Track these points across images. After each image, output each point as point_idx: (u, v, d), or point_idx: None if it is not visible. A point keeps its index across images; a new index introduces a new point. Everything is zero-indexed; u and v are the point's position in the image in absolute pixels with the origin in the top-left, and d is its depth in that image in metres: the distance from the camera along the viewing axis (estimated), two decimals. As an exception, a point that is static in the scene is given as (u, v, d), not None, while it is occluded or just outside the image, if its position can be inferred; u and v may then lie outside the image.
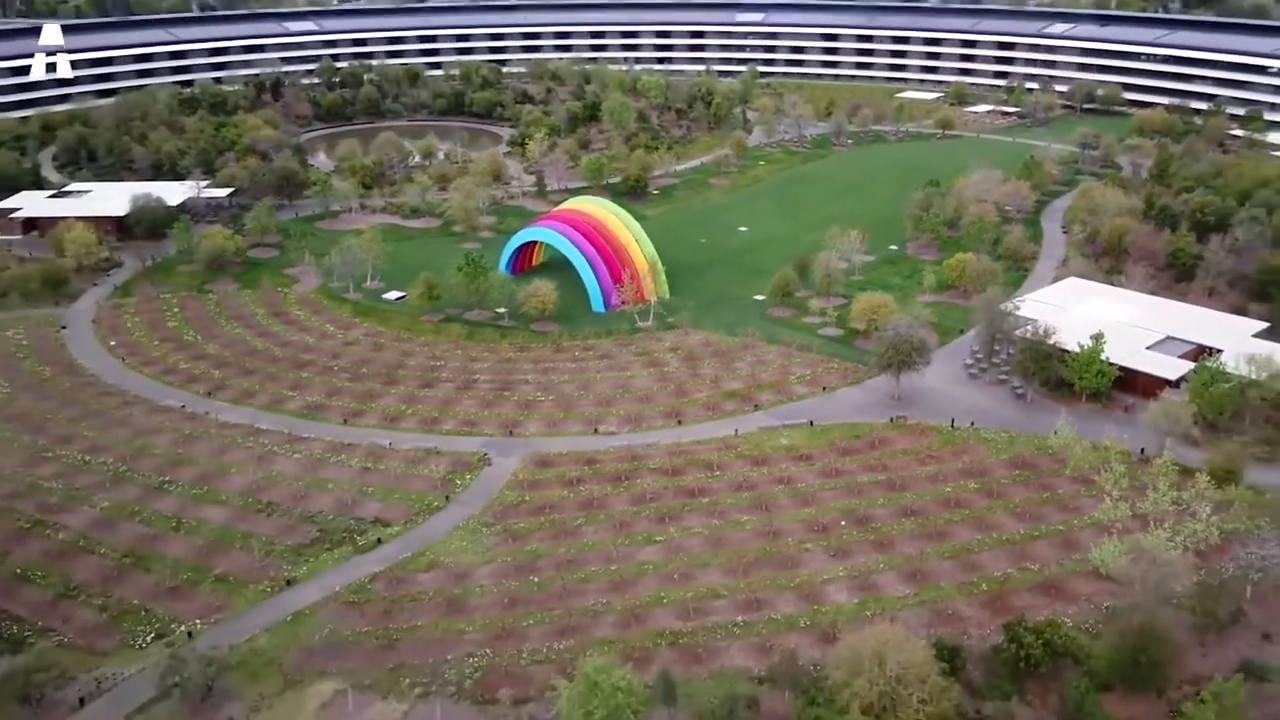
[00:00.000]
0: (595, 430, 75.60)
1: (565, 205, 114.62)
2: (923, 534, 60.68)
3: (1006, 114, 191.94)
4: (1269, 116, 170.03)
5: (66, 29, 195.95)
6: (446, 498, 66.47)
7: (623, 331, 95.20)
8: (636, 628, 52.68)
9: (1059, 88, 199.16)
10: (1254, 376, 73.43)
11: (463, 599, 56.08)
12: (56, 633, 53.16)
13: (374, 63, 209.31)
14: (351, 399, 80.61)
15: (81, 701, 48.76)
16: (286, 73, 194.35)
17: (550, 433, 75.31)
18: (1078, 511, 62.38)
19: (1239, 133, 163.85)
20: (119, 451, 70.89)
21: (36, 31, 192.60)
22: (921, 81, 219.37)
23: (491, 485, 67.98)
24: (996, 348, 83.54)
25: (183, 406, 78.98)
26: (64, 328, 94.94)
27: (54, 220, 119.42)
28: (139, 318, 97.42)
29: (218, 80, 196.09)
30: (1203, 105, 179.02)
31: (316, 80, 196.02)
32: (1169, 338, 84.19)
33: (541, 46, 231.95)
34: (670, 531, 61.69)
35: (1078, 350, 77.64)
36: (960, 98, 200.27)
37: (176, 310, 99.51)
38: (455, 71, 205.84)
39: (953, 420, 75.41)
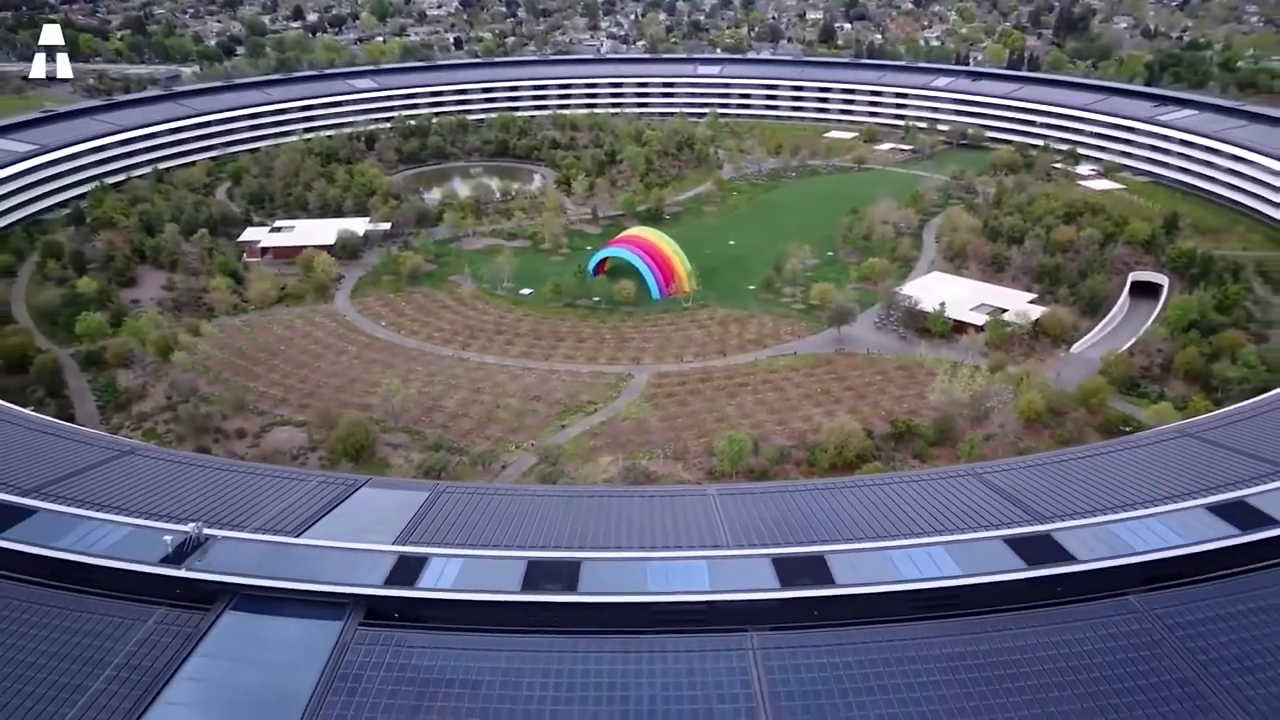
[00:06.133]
0: (681, 360, 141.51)
1: (626, 233, 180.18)
2: (855, 396, 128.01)
3: (903, 150, 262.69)
4: (1082, 152, 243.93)
5: (192, 93, 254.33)
6: (618, 392, 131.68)
7: (676, 310, 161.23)
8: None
9: (941, 129, 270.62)
10: (1019, 322, 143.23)
11: (647, 429, 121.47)
12: (474, 447, 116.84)
13: (425, 112, 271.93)
14: (542, 349, 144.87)
15: (503, 467, 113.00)
16: (375, 122, 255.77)
17: (657, 362, 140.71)
18: (926, 384, 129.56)
19: (1060, 165, 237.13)
20: (444, 375, 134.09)
21: (188, 93, 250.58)
22: (840, 122, 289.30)
23: (638, 386, 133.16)
24: (890, 312, 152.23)
25: (453, 355, 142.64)
26: (346, 316, 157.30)
27: (283, 248, 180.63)
28: (384, 309, 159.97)
29: (307, 131, 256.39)
30: (1038, 144, 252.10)
31: (392, 130, 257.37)
32: (983, 304, 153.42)
33: (548, 95, 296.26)
34: (736, 400, 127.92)
35: (932, 311, 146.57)
36: (871, 137, 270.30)
37: (404, 304, 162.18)
38: (494, 118, 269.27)
39: (868, 349, 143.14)
